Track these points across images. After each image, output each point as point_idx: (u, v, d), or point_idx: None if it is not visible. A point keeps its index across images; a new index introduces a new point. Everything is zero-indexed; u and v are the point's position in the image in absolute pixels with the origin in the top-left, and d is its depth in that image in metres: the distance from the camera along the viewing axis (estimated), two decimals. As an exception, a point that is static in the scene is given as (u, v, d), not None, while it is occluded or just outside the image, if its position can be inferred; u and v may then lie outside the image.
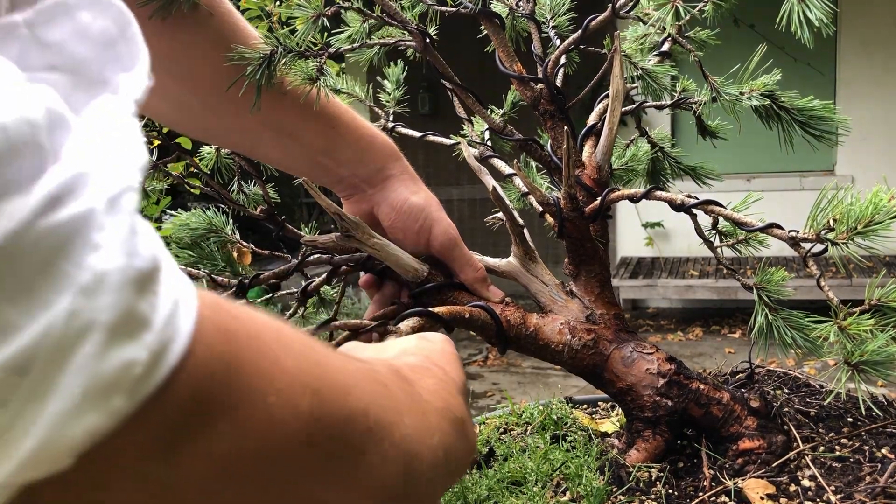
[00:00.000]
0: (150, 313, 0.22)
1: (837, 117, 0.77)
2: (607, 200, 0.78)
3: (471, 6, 0.78)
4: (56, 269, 0.19)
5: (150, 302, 0.22)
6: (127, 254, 0.21)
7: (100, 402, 0.20)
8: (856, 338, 0.66)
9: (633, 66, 0.82)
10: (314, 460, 0.27)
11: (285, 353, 0.27)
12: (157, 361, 0.21)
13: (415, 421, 0.34)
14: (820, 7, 0.63)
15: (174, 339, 0.22)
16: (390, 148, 0.79)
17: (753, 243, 0.77)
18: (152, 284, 0.22)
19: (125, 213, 0.21)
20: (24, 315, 0.19)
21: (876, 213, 0.60)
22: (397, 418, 0.32)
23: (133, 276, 0.21)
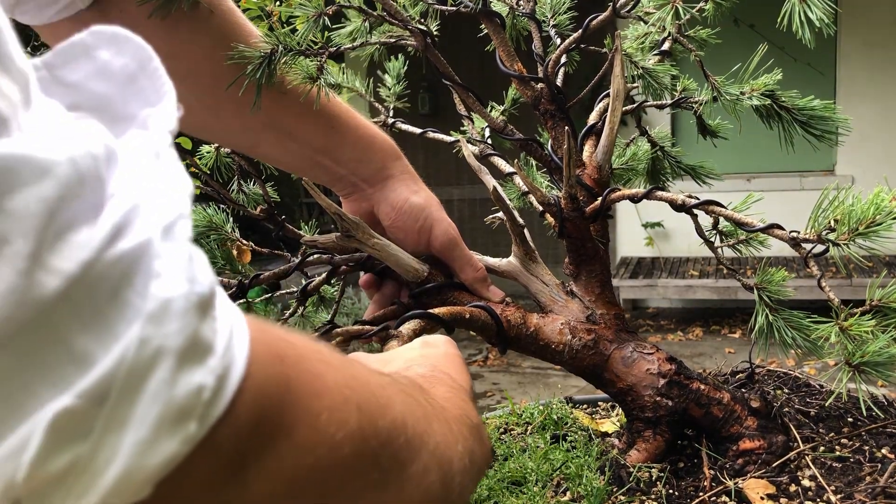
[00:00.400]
0: (212, 338, 0.22)
1: (838, 117, 0.77)
2: (608, 200, 0.78)
3: (471, 5, 0.78)
4: (123, 299, 0.20)
5: (212, 327, 0.22)
6: (188, 280, 0.21)
7: (176, 429, 0.20)
8: (857, 339, 0.66)
9: (633, 65, 0.82)
10: (365, 473, 0.28)
11: (328, 371, 0.27)
12: (222, 385, 0.22)
13: (442, 429, 0.35)
14: (821, 7, 0.63)
15: (234, 363, 0.22)
16: (390, 147, 0.79)
17: (754, 244, 0.77)
18: (212, 310, 0.22)
19: (181, 240, 0.22)
20: (99, 345, 0.19)
21: (877, 214, 0.60)
22: (429, 428, 0.33)
23: (195, 302, 0.21)
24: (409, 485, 0.30)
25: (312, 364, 0.27)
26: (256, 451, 0.23)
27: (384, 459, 0.29)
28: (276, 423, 0.24)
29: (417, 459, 0.31)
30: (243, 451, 0.23)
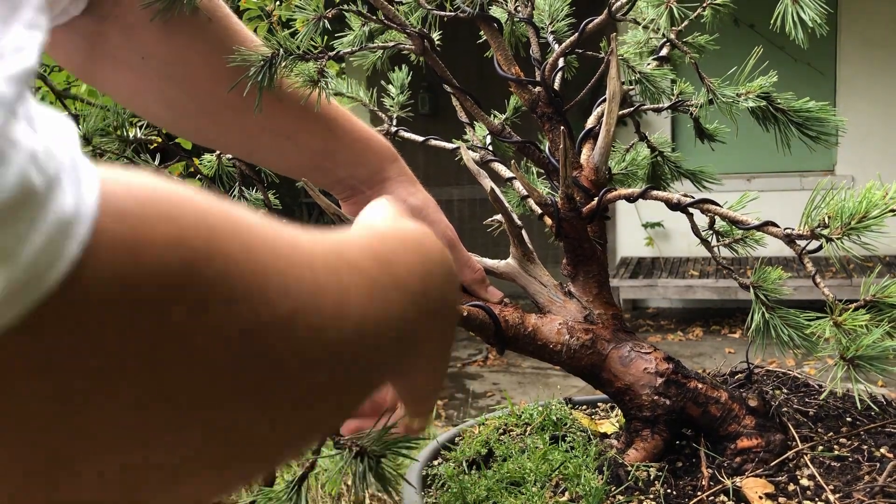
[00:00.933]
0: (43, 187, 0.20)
1: (834, 118, 0.77)
2: (604, 200, 0.79)
3: (469, 10, 0.79)
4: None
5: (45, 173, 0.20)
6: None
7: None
8: (851, 333, 0.66)
9: (631, 70, 0.82)
10: (243, 372, 0.25)
11: (209, 254, 0.24)
12: (48, 250, 0.20)
13: (361, 314, 0.31)
14: (813, 7, 0.63)
15: (77, 222, 0.20)
16: (387, 150, 0.80)
17: (750, 242, 0.78)
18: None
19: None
20: None
21: (869, 209, 0.61)
22: (332, 319, 0.30)
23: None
24: (302, 378, 0.28)
25: (188, 223, 0.24)
26: (93, 326, 0.21)
27: (272, 348, 0.26)
28: (118, 300, 0.22)
29: (313, 345, 0.28)
30: (76, 331, 0.21)
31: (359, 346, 0.32)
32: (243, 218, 0.27)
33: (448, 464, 0.86)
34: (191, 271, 0.23)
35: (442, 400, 3.82)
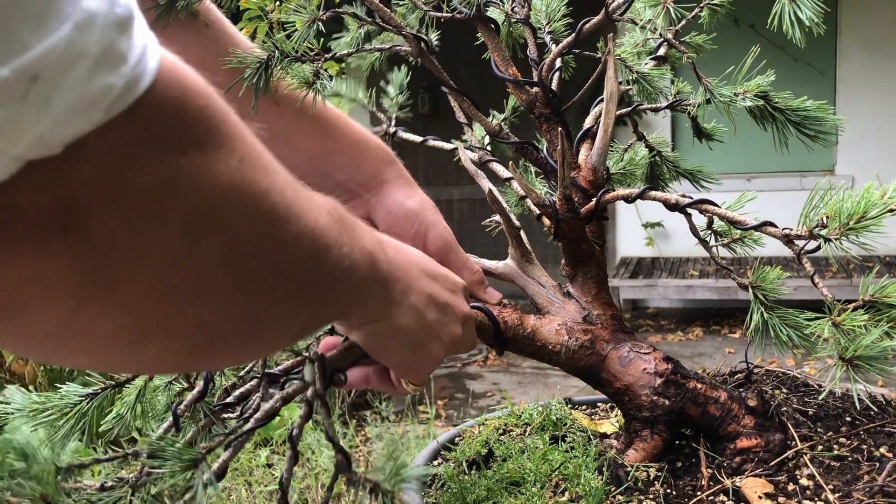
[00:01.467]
0: (126, 52, 0.28)
1: (832, 117, 0.77)
2: (602, 201, 0.79)
3: (466, 11, 0.79)
4: (57, 5, 0.25)
5: (127, 43, 0.28)
6: (109, 1, 0.27)
7: (86, 112, 0.27)
8: (850, 333, 0.66)
9: (628, 69, 0.82)
10: (237, 207, 0.33)
11: (226, 120, 0.33)
12: (129, 89, 0.28)
13: (328, 224, 0.41)
14: (811, 7, 0.63)
15: (143, 76, 0.28)
16: (385, 152, 0.80)
17: (749, 242, 0.78)
18: (129, 30, 0.28)
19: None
20: (35, 37, 0.25)
21: (868, 209, 0.61)
22: (310, 211, 0.38)
23: (114, 20, 0.27)
24: (281, 238, 0.36)
25: (214, 109, 0.32)
26: (146, 152, 0.29)
27: (259, 204, 0.34)
28: (167, 136, 0.30)
29: (293, 222, 0.36)
30: (135, 147, 0.29)
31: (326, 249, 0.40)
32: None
33: (448, 464, 0.86)
34: (214, 121, 0.32)
35: (442, 400, 3.82)
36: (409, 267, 0.55)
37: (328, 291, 0.43)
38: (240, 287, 0.35)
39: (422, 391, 3.59)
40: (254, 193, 0.34)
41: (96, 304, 0.30)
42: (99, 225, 0.29)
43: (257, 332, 0.39)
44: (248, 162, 0.33)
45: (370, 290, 0.49)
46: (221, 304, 0.35)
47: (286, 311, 0.40)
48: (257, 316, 0.37)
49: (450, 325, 0.60)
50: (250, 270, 0.35)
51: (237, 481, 2.51)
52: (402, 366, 0.61)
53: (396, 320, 0.54)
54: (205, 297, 0.34)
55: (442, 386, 4.03)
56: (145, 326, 0.33)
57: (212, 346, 0.38)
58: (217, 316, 0.35)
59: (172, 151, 0.30)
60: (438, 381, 4.04)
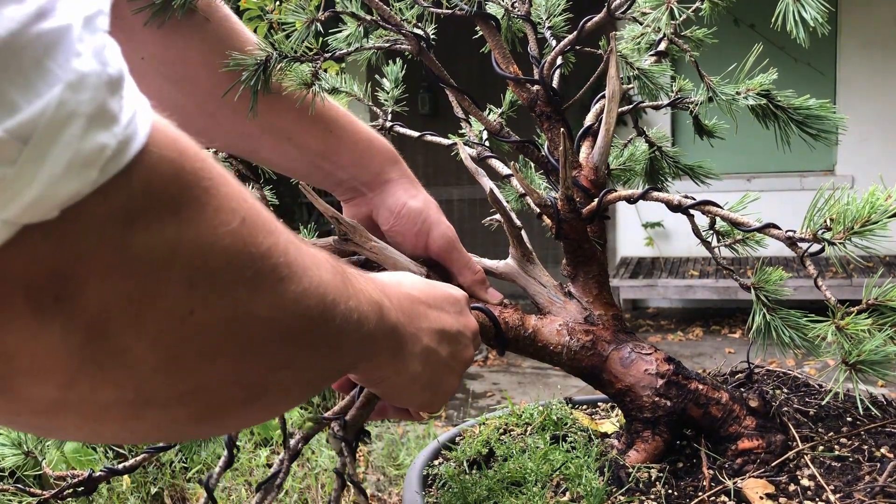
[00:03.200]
0: (118, 112, 0.27)
1: (834, 116, 0.77)
2: (604, 202, 0.79)
3: (466, 8, 0.78)
4: (47, 67, 0.25)
5: (119, 103, 0.27)
6: (101, 62, 0.27)
7: (81, 172, 0.26)
8: (853, 337, 0.66)
9: (629, 66, 0.82)
10: (240, 268, 0.33)
11: (225, 182, 0.33)
12: (122, 149, 0.27)
13: (333, 279, 0.40)
14: (815, 6, 0.63)
15: (135, 136, 0.28)
16: (389, 151, 0.79)
17: (751, 243, 0.77)
18: (120, 90, 0.28)
19: (99, 30, 0.27)
20: (24, 99, 0.25)
21: (872, 213, 0.60)
22: (314, 267, 0.38)
23: (106, 80, 0.27)
24: (284, 298, 0.35)
25: (209, 170, 0.32)
26: (143, 214, 0.29)
27: (261, 265, 0.33)
28: (165, 198, 0.29)
29: (296, 281, 0.36)
30: (133, 208, 0.28)
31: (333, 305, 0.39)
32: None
33: (448, 464, 0.86)
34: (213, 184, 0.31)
35: (442, 400, 3.81)
36: (412, 306, 0.54)
37: (337, 346, 0.42)
38: (241, 352, 0.34)
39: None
40: (254, 255, 0.33)
41: (89, 378, 0.29)
42: (94, 295, 0.27)
43: (262, 396, 0.38)
44: (250, 222, 0.33)
45: (380, 341, 0.49)
46: (222, 370, 0.34)
47: (291, 373, 0.39)
48: (261, 380, 0.36)
49: (462, 351, 0.61)
50: (252, 334, 0.34)
51: (237, 481, 2.51)
52: (422, 406, 0.62)
53: (412, 369, 0.54)
54: (205, 364, 0.33)
55: (442, 386, 4.02)
56: (142, 398, 0.31)
57: (213, 414, 0.36)
58: (218, 383, 0.34)
59: (171, 214, 0.29)
60: (438, 380, 4.03)
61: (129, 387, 0.30)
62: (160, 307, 0.29)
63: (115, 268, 0.28)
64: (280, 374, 0.37)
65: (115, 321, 0.28)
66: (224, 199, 0.32)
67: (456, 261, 0.77)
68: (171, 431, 0.39)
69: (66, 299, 0.27)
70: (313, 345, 0.39)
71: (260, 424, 2.62)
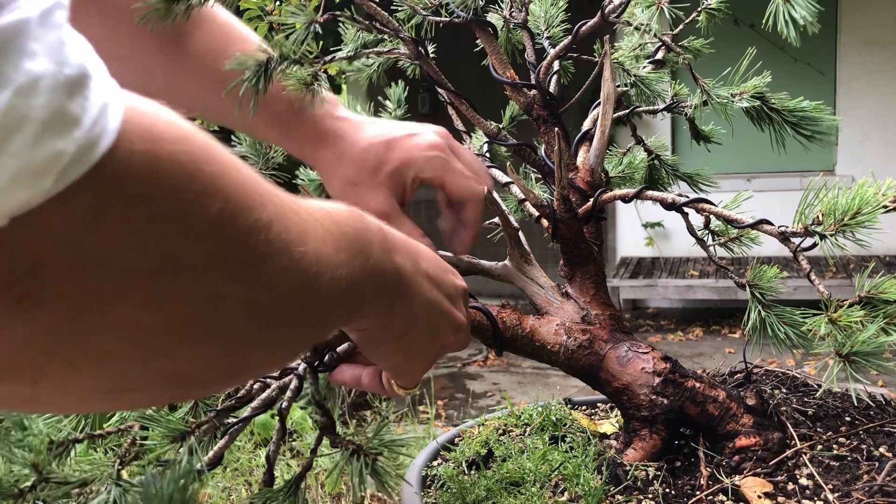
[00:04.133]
0: (80, 113, 0.26)
1: (828, 118, 0.77)
2: (600, 201, 0.79)
3: (463, 15, 0.79)
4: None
5: (81, 105, 0.26)
6: (57, 62, 0.25)
7: (31, 182, 0.25)
8: (846, 329, 0.67)
9: (626, 73, 0.83)
10: (217, 255, 0.31)
11: (207, 159, 0.31)
12: (86, 152, 0.26)
13: (321, 249, 0.38)
14: (805, 6, 0.63)
15: (103, 135, 0.26)
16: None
17: (746, 241, 0.78)
18: (82, 89, 0.26)
19: (56, 26, 0.25)
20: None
21: (862, 206, 0.61)
22: (299, 240, 0.36)
23: (63, 82, 0.25)
24: (263, 278, 0.34)
25: (190, 150, 0.30)
26: (112, 213, 0.27)
27: (238, 247, 0.32)
28: (136, 193, 0.28)
29: (275, 259, 0.34)
30: (100, 210, 0.27)
31: (317, 276, 0.38)
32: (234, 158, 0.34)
33: (448, 464, 0.86)
34: (195, 165, 0.30)
35: (442, 400, 3.82)
36: (414, 272, 0.54)
37: (321, 317, 0.42)
38: (217, 335, 0.33)
39: (422, 391, 3.60)
40: (232, 238, 0.32)
41: (60, 375, 0.29)
42: (60, 293, 0.27)
43: (241, 371, 0.38)
44: (232, 203, 0.32)
45: (372, 303, 0.48)
46: (197, 355, 0.33)
47: (272, 348, 0.38)
48: (239, 358, 0.36)
49: (443, 332, 0.59)
50: (228, 317, 0.33)
51: (237, 481, 2.51)
52: (393, 369, 0.60)
53: (394, 326, 0.53)
54: (179, 351, 0.32)
55: (442, 386, 4.03)
56: (118, 386, 0.32)
57: (190, 391, 0.36)
58: (193, 366, 0.34)
59: (143, 208, 0.28)
60: (438, 381, 4.04)
61: (104, 377, 0.30)
62: (130, 300, 0.29)
63: (78, 267, 0.27)
64: (260, 351, 0.37)
65: (82, 319, 0.28)
66: (206, 181, 0.30)
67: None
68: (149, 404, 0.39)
69: (29, 301, 0.26)
70: (293, 320, 0.38)
71: (260, 425, 2.63)
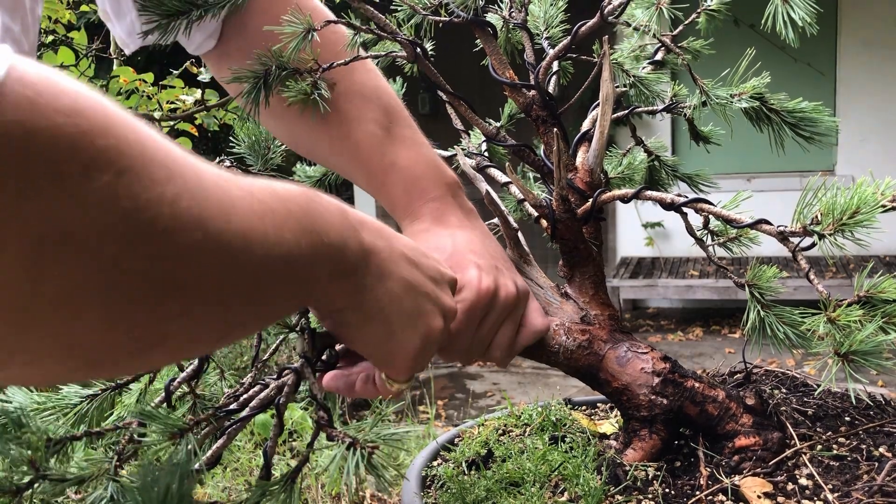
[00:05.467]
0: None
1: (827, 119, 0.77)
2: (598, 201, 0.79)
3: (463, 15, 0.79)
4: None
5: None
6: None
7: None
8: (845, 328, 0.67)
9: (625, 74, 0.83)
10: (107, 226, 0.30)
11: (102, 134, 0.30)
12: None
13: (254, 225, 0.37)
14: (803, 7, 0.64)
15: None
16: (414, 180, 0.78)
17: (745, 241, 0.78)
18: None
19: None
20: None
21: (860, 205, 0.61)
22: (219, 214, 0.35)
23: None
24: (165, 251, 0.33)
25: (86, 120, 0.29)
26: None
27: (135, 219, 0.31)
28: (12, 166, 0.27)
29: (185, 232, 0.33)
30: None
31: (243, 253, 0.37)
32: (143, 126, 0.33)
33: (447, 464, 0.86)
34: (84, 138, 0.29)
35: (442, 400, 3.82)
36: (388, 252, 0.52)
37: (258, 294, 0.40)
38: (113, 305, 0.32)
39: (422, 391, 3.60)
40: (127, 210, 0.31)
41: None
42: None
43: (159, 343, 0.36)
44: (130, 175, 0.30)
45: (332, 281, 0.47)
46: (94, 325, 0.32)
47: (192, 321, 0.37)
48: (152, 330, 0.35)
49: (428, 315, 0.56)
50: (124, 288, 0.32)
51: (237, 481, 2.51)
52: (376, 356, 0.57)
53: (368, 307, 0.51)
54: (71, 322, 0.31)
55: (442, 386, 4.03)
56: (28, 355, 0.31)
57: (104, 363, 0.35)
58: (93, 337, 0.33)
59: (14, 176, 0.27)
60: (438, 381, 4.04)
61: (3, 348, 0.30)
62: (3, 266, 0.28)
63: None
64: (177, 323, 0.36)
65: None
66: (97, 154, 0.29)
67: None
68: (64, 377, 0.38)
69: None
70: (216, 296, 0.37)
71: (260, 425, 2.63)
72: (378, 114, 0.77)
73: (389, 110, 0.79)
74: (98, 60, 2.51)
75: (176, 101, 2.48)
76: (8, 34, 0.49)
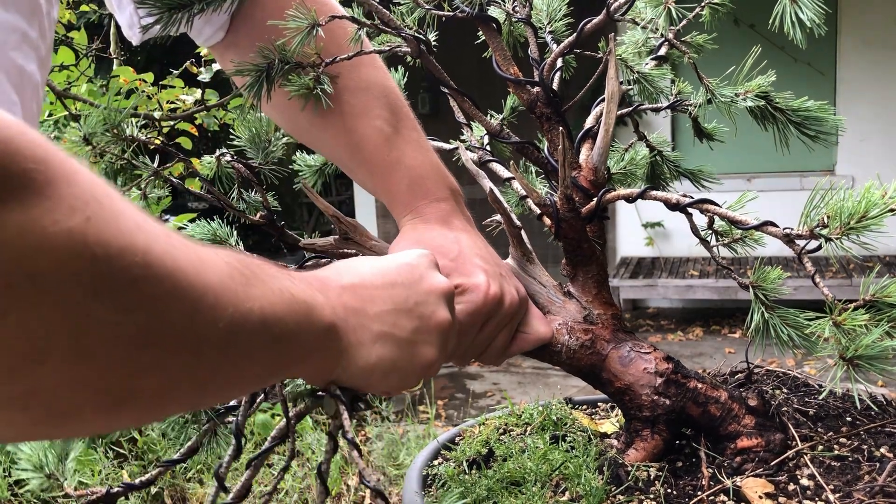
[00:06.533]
0: None
1: (832, 118, 0.77)
2: (603, 201, 0.79)
3: (467, 10, 0.79)
4: None
5: None
6: None
7: None
8: (850, 333, 0.66)
9: (629, 70, 0.82)
10: (76, 271, 0.30)
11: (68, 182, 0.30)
12: None
13: (222, 281, 0.37)
14: (812, 8, 0.63)
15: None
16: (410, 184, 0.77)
17: (749, 242, 0.78)
18: None
19: None
20: None
21: (868, 209, 0.61)
22: (190, 269, 0.35)
23: None
24: (138, 302, 0.33)
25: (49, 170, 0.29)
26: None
27: (106, 267, 0.31)
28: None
29: (157, 283, 0.33)
30: None
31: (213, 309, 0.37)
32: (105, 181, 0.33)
33: (448, 464, 0.86)
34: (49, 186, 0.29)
35: (442, 400, 3.82)
36: (356, 294, 0.52)
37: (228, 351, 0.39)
38: (80, 356, 0.31)
39: (422, 391, 3.60)
40: (98, 256, 0.30)
41: None
42: None
43: (127, 401, 0.35)
44: (98, 221, 0.30)
45: (310, 342, 0.46)
46: (57, 374, 0.31)
47: (163, 379, 0.36)
48: (120, 385, 0.34)
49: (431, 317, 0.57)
50: (93, 338, 0.31)
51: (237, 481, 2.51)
52: (391, 389, 0.59)
53: (364, 361, 0.52)
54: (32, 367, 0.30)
55: (442, 386, 4.03)
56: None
57: (62, 418, 0.33)
58: (54, 387, 0.31)
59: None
60: (438, 381, 4.04)
61: None
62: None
63: None
64: (147, 380, 0.35)
65: None
66: (63, 198, 0.29)
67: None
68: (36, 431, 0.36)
69: None
70: (188, 350, 0.36)
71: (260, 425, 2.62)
72: (385, 111, 0.77)
73: (396, 110, 0.79)
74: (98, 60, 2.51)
75: (176, 101, 2.48)
76: (25, 41, 0.49)
